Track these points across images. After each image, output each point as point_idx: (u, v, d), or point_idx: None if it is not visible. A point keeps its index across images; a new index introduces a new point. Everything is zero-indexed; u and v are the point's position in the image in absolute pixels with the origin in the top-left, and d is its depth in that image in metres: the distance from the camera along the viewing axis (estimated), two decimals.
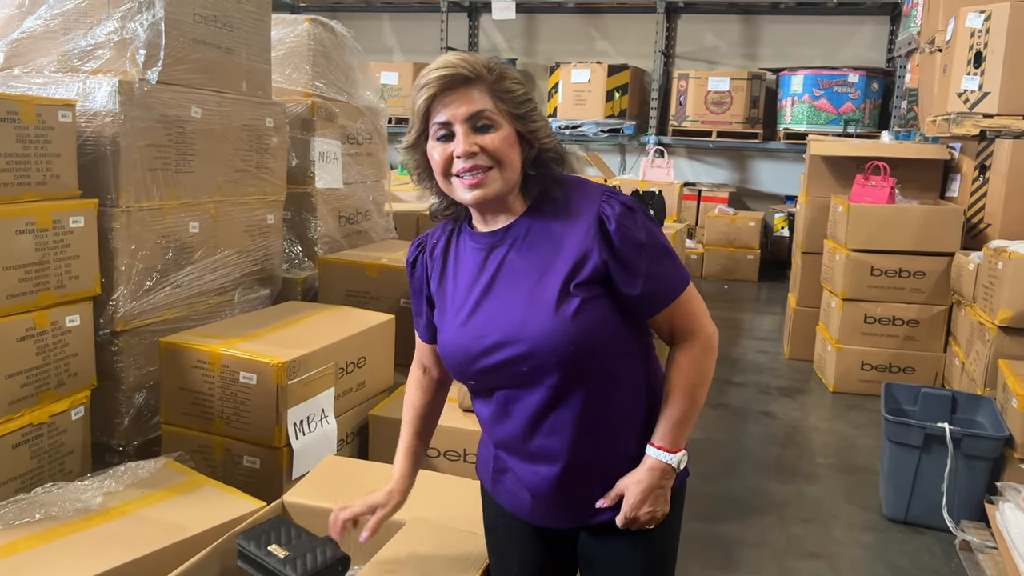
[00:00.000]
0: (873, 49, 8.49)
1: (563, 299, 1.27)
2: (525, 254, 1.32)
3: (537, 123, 1.32)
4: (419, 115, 1.29)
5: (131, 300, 2.49)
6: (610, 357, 1.32)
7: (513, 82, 1.31)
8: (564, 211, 1.33)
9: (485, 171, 1.27)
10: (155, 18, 2.44)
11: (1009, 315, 3.42)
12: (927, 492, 3.12)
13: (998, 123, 4.12)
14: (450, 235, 1.42)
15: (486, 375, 1.33)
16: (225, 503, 1.87)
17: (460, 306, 1.36)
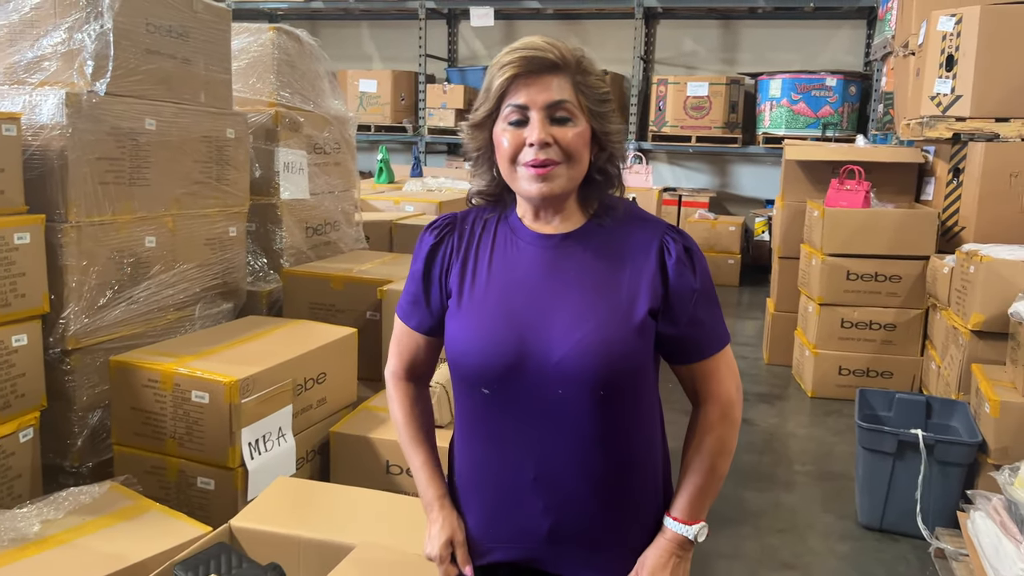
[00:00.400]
0: (851, 53, 8.51)
1: (628, 312, 1.22)
2: (586, 264, 1.25)
3: (613, 125, 1.26)
4: (494, 94, 1.21)
5: (83, 317, 2.43)
6: (639, 393, 1.27)
7: (597, 78, 1.24)
8: (626, 231, 1.27)
9: (554, 165, 1.20)
10: (103, 28, 2.38)
11: (982, 319, 3.40)
12: (902, 499, 3.09)
13: (970, 126, 4.11)
14: (493, 220, 1.32)
15: (511, 383, 1.22)
16: (169, 529, 1.81)
17: (497, 303, 1.25)
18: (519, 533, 1.29)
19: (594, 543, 1.29)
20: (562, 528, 1.27)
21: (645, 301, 1.22)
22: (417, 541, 1.68)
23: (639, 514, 1.32)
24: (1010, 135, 4.02)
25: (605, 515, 1.28)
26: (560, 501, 1.26)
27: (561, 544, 1.29)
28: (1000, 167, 4.04)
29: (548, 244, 1.26)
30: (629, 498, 1.30)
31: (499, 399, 1.24)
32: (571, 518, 1.27)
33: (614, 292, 1.22)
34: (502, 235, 1.30)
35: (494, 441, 1.28)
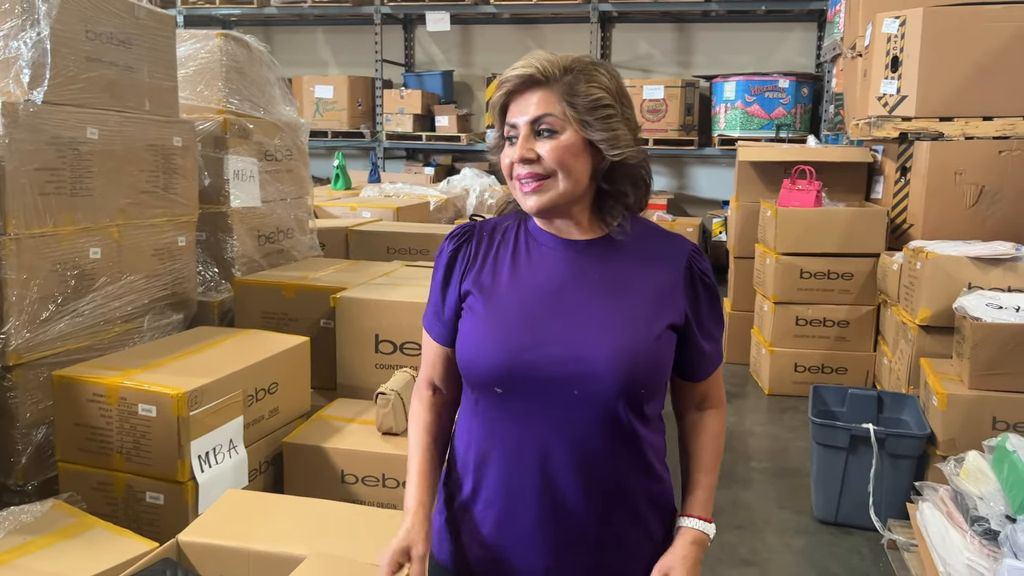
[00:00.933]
0: (802, 55, 8.64)
1: (649, 323, 1.24)
2: (607, 273, 1.27)
3: (610, 132, 1.23)
4: (498, 116, 1.29)
5: (24, 332, 2.37)
6: (651, 403, 1.27)
7: (593, 85, 1.23)
8: (650, 246, 1.30)
9: (541, 179, 1.23)
10: (39, 36, 2.33)
11: (929, 314, 3.47)
12: (855, 493, 3.14)
13: (916, 125, 4.20)
14: (513, 227, 1.34)
15: (527, 384, 1.22)
16: (114, 546, 1.77)
17: (515, 305, 1.26)
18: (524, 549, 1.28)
19: (599, 553, 1.28)
20: (566, 541, 1.27)
21: (666, 315, 1.25)
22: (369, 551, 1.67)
23: (647, 525, 1.32)
24: (954, 134, 4.11)
25: (610, 525, 1.27)
26: (569, 506, 1.24)
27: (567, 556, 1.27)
28: (945, 165, 4.14)
29: (572, 249, 1.29)
30: (635, 508, 1.29)
31: (511, 398, 1.24)
32: (575, 531, 1.26)
33: (636, 302, 1.25)
34: (523, 240, 1.33)
35: (502, 441, 1.27)
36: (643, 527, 1.30)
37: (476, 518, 1.30)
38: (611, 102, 1.24)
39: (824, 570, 2.92)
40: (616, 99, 1.25)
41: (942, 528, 2.30)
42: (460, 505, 1.33)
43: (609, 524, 1.26)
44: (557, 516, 1.25)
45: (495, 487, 1.28)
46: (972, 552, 2.13)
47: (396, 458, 2.39)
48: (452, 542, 1.34)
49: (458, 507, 1.33)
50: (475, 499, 1.31)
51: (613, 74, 1.27)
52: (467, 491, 1.32)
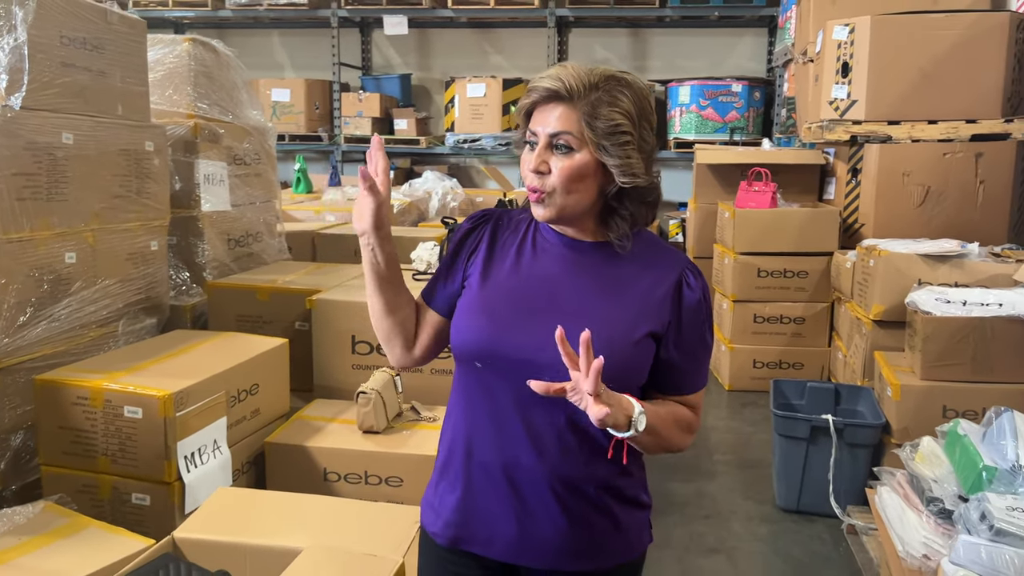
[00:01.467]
0: (754, 59, 8.86)
1: (629, 327, 1.29)
2: (599, 276, 1.33)
3: (624, 160, 1.27)
4: (522, 118, 1.34)
5: (3, 337, 2.37)
6: None
7: (615, 110, 1.26)
8: (647, 257, 1.35)
9: (547, 193, 1.28)
10: (17, 42, 2.33)
11: (882, 309, 3.63)
12: (816, 482, 3.27)
13: (866, 129, 4.37)
14: (524, 222, 1.41)
15: (505, 364, 1.29)
16: (110, 544, 1.80)
17: (510, 289, 1.34)
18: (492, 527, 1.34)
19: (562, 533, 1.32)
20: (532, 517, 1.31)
21: (648, 323, 1.30)
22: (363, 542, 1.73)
23: (610, 511, 1.34)
24: (901, 137, 4.28)
25: (574, 508, 1.31)
26: (533, 490, 1.30)
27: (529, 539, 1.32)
28: (893, 166, 4.32)
29: (573, 249, 1.35)
30: (601, 497, 1.33)
31: (489, 373, 1.31)
32: (541, 508, 1.31)
33: (623, 305, 1.30)
34: (530, 234, 1.39)
35: (483, 415, 1.34)
36: (606, 514, 1.35)
37: (451, 485, 1.37)
38: (629, 128, 1.26)
39: (788, 556, 3.05)
40: (636, 124, 1.27)
41: (899, 510, 2.43)
42: (442, 475, 1.40)
43: (573, 507, 1.31)
44: (524, 492, 1.31)
45: (470, 457, 1.35)
46: (928, 531, 2.25)
47: (378, 456, 2.44)
48: (432, 508, 1.42)
49: (441, 477, 1.40)
50: (453, 469, 1.37)
51: (639, 95, 1.29)
52: (447, 462, 1.39)
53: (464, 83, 8.46)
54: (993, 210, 4.23)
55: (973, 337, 3.16)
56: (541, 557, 1.34)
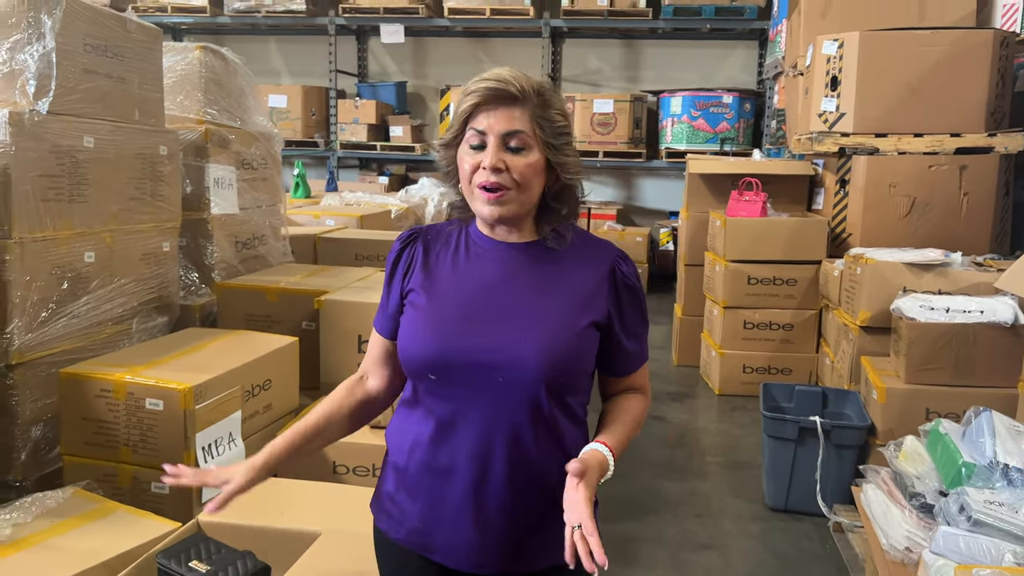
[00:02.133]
0: (744, 71, 9.03)
1: (571, 319, 1.33)
2: (536, 274, 1.37)
3: (569, 158, 1.35)
4: (459, 118, 1.33)
5: (26, 332, 2.46)
6: (573, 393, 1.37)
7: (557, 112, 1.34)
8: (579, 251, 1.40)
9: (504, 190, 1.31)
10: (45, 49, 2.43)
11: (868, 316, 3.76)
12: (803, 481, 3.39)
13: (854, 141, 4.51)
14: (455, 232, 1.43)
15: (457, 370, 1.31)
16: (139, 526, 1.89)
17: (452, 299, 1.36)
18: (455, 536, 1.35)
19: (518, 532, 1.35)
20: (488, 518, 1.33)
21: (590, 314, 1.35)
22: None
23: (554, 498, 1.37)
24: (888, 149, 4.43)
25: (529, 506, 1.34)
26: (492, 486, 1.32)
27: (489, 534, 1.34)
28: (880, 178, 4.45)
29: (508, 252, 1.39)
30: (555, 493, 1.34)
31: (444, 384, 1.33)
32: (497, 508, 1.33)
33: (562, 300, 1.35)
34: (463, 243, 1.42)
35: (440, 425, 1.34)
36: (560, 510, 1.36)
37: (411, 494, 1.38)
38: (569, 130, 1.36)
39: (777, 552, 3.16)
40: (569, 126, 1.38)
41: (884, 506, 2.55)
42: (398, 482, 1.41)
43: (528, 505, 1.34)
44: (481, 494, 1.33)
45: (428, 466, 1.36)
46: (910, 525, 2.37)
47: (385, 449, 2.53)
48: (391, 516, 1.42)
49: (397, 484, 1.41)
50: (410, 477, 1.38)
51: (562, 101, 1.39)
52: (404, 469, 1.40)
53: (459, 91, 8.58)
54: (976, 221, 4.36)
55: (956, 342, 3.29)
56: (503, 563, 1.36)
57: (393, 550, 1.43)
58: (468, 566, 1.36)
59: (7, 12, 2.40)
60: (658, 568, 3.00)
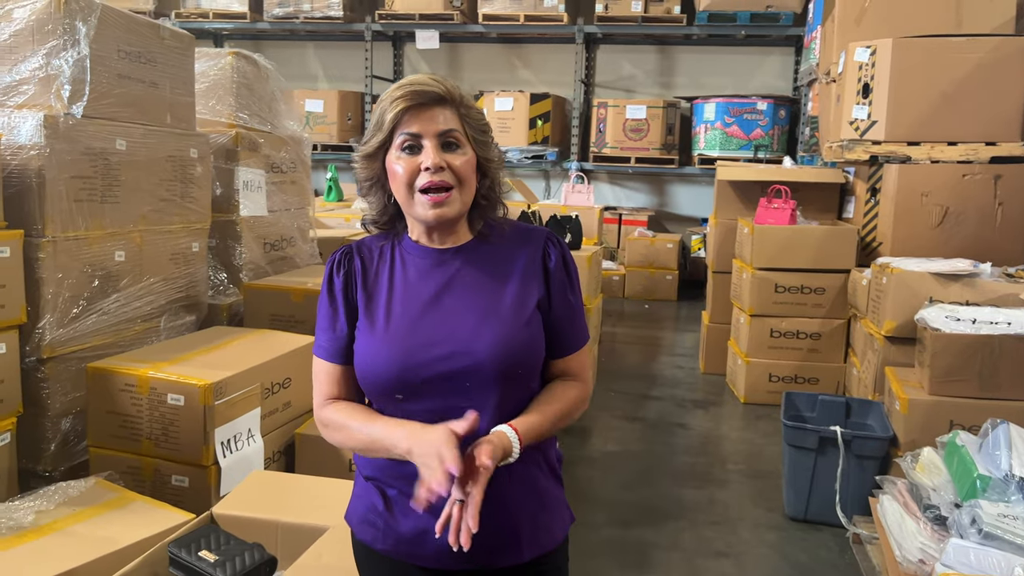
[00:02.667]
0: (780, 78, 8.96)
1: (517, 310, 1.35)
2: (476, 273, 1.38)
3: (494, 154, 1.38)
4: (387, 125, 1.31)
5: (57, 328, 2.55)
6: (532, 377, 1.39)
7: (477, 111, 1.37)
8: (511, 242, 1.41)
9: (448, 190, 1.31)
10: (80, 55, 2.52)
11: (893, 325, 3.72)
12: (824, 491, 3.36)
13: (885, 149, 4.46)
14: (388, 247, 1.41)
15: (423, 386, 1.32)
16: (155, 516, 1.96)
17: (401, 316, 1.35)
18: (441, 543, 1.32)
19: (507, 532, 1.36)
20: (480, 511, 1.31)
21: (531, 299, 1.37)
22: None
23: (534, 482, 1.40)
24: (920, 157, 4.38)
25: (513, 495, 1.36)
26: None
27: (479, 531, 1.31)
28: (912, 187, 4.39)
29: (443, 258, 1.39)
30: (527, 471, 1.38)
31: (412, 401, 1.33)
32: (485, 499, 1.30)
33: (507, 295, 1.36)
34: (399, 257, 1.40)
35: None
36: (535, 502, 1.40)
37: (399, 509, 1.38)
38: (489, 127, 1.39)
39: (794, 561, 3.14)
40: (488, 124, 1.39)
41: (899, 517, 2.52)
42: (382, 498, 1.40)
43: (510, 497, 1.36)
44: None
45: (412, 480, 1.29)
46: (924, 537, 2.35)
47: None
48: (376, 528, 1.41)
49: (380, 500, 1.40)
50: (394, 492, 1.38)
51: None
52: (386, 484, 1.39)
53: (492, 97, 8.65)
54: (1011, 231, 4.29)
55: (981, 354, 3.24)
56: (492, 557, 1.37)
57: (381, 561, 1.42)
58: (458, 565, 1.37)
59: (44, 19, 2.50)
60: (672, 573, 3.01)
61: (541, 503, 1.42)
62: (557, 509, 1.46)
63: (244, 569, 1.59)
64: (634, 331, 7.03)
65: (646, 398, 5.06)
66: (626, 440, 4.32)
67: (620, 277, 8.24)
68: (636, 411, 4.80)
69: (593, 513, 3.44)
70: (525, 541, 1.39)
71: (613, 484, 3.76)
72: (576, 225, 4.69)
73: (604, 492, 3.67)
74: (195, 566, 1.60)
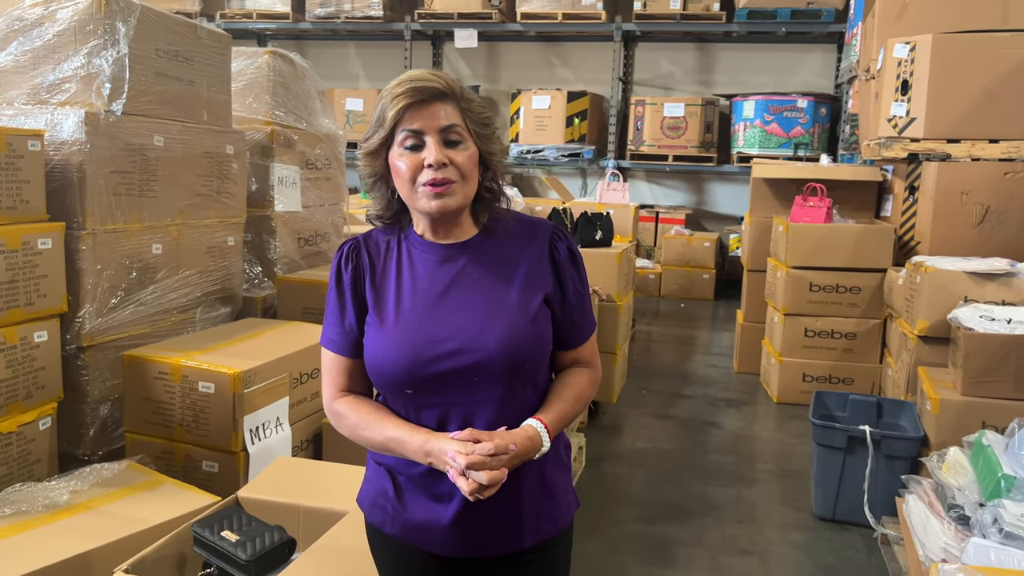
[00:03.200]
0: (822, 76, 8.85)
1: (524, 305, 1.37)
2: (483, 267, 1.39)
3: (496, 147, 1.40)
4: (389, 122, 1.33)
5: (96, 317, 2.65)
6: (540, 370, 1.41)
7: (478, 104, 1.38)
8: (517, 236, 1.43)
9: (450, 183, 1.32)
10: (120, 54, 2.62)
11: (927, 325, 3.67)
12: (852, 491, 3.33)
13: (924, 147, 4.40)
14: (394, 240, 1.43)
15: (432, 382, 1.33)
16: (183, 498, 2.03)
17: (410, 312, 1.36)
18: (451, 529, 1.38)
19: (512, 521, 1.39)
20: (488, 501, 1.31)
21: (538, 293, 1.39)
22: None
23: (544, 484, 1.43)
24: (961, 155, 4.30)
25: (519, 485, 1.37)
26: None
27: (469, 525, 1.37)
28: (952, 185, 4.32)
29: (449, 252, 1.40)
30: (542, 471, 1.41)
31: (421, 395, 1.36)
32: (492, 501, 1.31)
33: (513, 291, 1.38)
34: (406, 252, 1.42)
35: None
36: (543, 488, 1.42)
37: (408, 496, 1.42)
38: (492, 121, 1.40)
39: (820, 561, 3.12)
40: (491, 117, 1.41)
41: (923, 517, 2.50)
42: (392, 484, 1.44)
43: (516, 487, 1.37)
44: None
45: (424, 471, 1.37)
46: (948, 537, 2.33)
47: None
48: (385, 512, 1.45)
49: (391, 486, 1.44)
50: (405, 480, 1.42)
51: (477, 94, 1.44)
52: (396, 472, 1.43)
53: (530, 95, 8.68)
54: None
55: (1016, 354, 3.18)
56: (499, 544, 1.40)
57: (389, 544, 1.46)
58: (465, 552, 1.41)
59: (86, 20, 2.60)
60: (695, 570, 3.01)
61: (547, 492, 1.44)
62: (563, 496, 1.48)
63: (264, 549, 1.64)
64: (669, 330, 7.01)
65: (678, 397, 5.05)
66: (655, 438, 4.32)
67: (656, 276, 8.21)
68: (667, 409, 4.80)
69: (618, 509, 3.45)
70: (527, 529, 1.41)
71: (640, 481, 3.77)
72: (607, 222, 4.70)
73: (631, 489, 3.68)
74: (217, 545, 1.66)
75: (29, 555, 1.75)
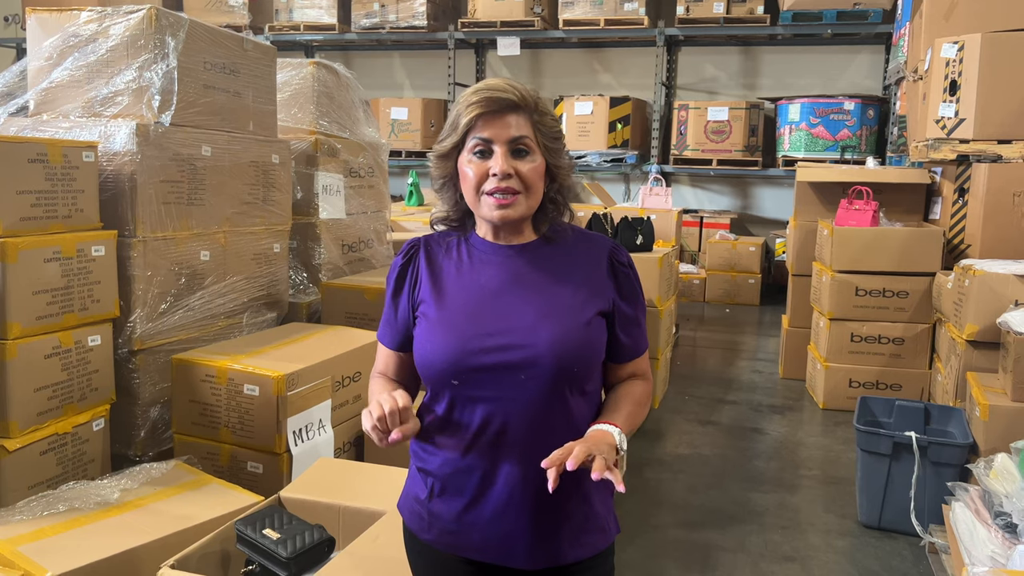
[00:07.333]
0: (869, 77, 8.70)
1: (578, 309, 1.38)
2: (539, 270, 1.41)
3: (564, 160, 1.42)
4: (461, 129, 1.36)
5: (147, 322, 2.74)
6: (592, 383, 1.42)
7: (551, 117, 1.40)
8: (576, 247, 1.45)
9: (514, 194, 1.35)
10: (169, 67, 2.71)
11: (975, 329, 3.59)
12: (898, 499, 3.27)
13: (973, 148, 4.31)
14: (454, 242, 1.46)
15: (479, 373, 1.34)
16: (228, 497, 2.09)
17: (462, 306, 1.39)
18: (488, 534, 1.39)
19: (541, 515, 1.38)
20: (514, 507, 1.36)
21: (595, 304, 1.41)
22: None
23: (582, 490, 1.41)
24: (1012, 156, 4.21)
25: (561, 493, 1.34)
26: (528, 481, 1.35)
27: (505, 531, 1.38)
28: (1003, 187, 4.22)
29: (509, 254, 1.43)
30: (581, 480, 1.38)
31: (467, 387, 1.36)
32: (532, 495, 1.36)
33: (567, 294, 1.40)
34: (466, 251, 1.46)
35: (469, 430, 1.37)
36: (585, 503, 1.41)
37: (445, 499, 1.42)
38: (562, 134, 1.43)
39: (865, 569, 3.07)
40: (562, 131, 1.43)
41: (970, 524, 2.45)
42: (429, 488, 1.44)
43: (559, 494, 1.33)
44: (517, 491, 1.37)
45: (462, 470, 1.39)
46: (995, 544, 2.28)
47: None
48: (422, 519, 1.46)
49: (427, 490, 1.44)
50: (443, 482, 1.42)
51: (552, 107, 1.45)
52: (435, 475, 1.43)
53: (572, 101, 8.69)
54: None
55: None
56: (535, 555, 1.39)
57: (424, 549, 1.48)
58: (500, 559, 1.41)
59: (137, 35, 2.70)
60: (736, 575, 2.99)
61: (589, 509, 1.44)
62: (605, 516, 1.47)
63: (304, 547, 1.69)
64: (713, 335, 6.95)
65: (721, 402, 5.01)
66: (698, 444, 4.30)
67: (701, 281, 8.15)
68: (710, 415, 4.76)
69: (659, 515, 3.44)
70: (566, 544, 1.41)
71: (682, 487, 3.75)
72: (648, 227, 4.69)
73: (672, 494, 3.67)
74: (259, 543, 1.71)
75: (82, 550, 1.82)
